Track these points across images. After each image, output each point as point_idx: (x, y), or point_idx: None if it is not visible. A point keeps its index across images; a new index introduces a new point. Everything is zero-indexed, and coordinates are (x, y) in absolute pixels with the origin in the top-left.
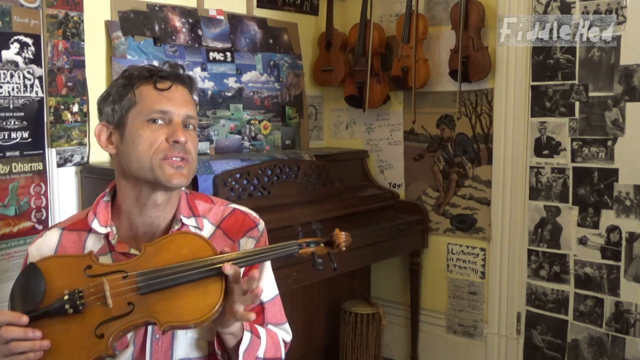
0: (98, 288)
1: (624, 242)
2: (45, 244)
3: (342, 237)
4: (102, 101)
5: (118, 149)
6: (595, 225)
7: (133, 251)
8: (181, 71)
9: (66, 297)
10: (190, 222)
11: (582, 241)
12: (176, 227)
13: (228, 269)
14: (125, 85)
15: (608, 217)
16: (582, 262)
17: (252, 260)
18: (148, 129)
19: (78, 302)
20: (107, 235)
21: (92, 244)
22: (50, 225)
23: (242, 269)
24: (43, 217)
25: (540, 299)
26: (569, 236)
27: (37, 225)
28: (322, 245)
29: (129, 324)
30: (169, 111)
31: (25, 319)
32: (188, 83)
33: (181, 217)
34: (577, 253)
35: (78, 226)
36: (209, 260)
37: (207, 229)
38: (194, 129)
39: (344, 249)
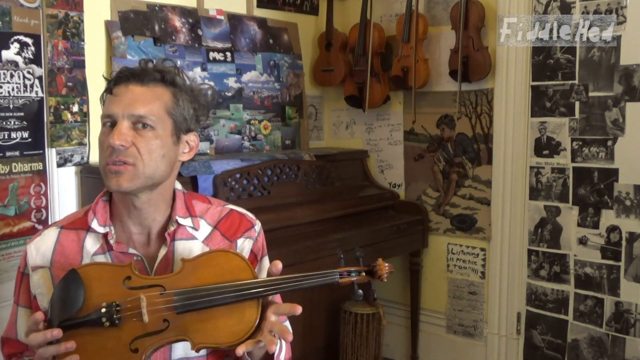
0: (135, 303)
1: (624, 242)
2: (44, 243)
3: (384, 267)
4: None
5: None
6: (595, 225)
7: (131, 250)
8: (155, 65)
9: (103, 310)
10: (186, 222)
11: (582, 241)
12: (172, 228)
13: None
14: (102, 95)
15: (608, 217)
16: (582, 262)
17: (291, 286)
18: (101, 135)
19: (115, 316)
20: (105, 235)
21: (91, 243)
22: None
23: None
24: (43, 217)
25: (540, 299)
26: (569, 236)
27: (37, 225)
28: (363, 274)
29: (163, 340)
30: (112, 114)
31: (56, 332)
32: (148, 78)
33: (177, 217)
34: (577, 253)
35: (76, 225)
36: (248, 285)
37: (204, 229)
38: (150, 128)
39: (385, 280)
